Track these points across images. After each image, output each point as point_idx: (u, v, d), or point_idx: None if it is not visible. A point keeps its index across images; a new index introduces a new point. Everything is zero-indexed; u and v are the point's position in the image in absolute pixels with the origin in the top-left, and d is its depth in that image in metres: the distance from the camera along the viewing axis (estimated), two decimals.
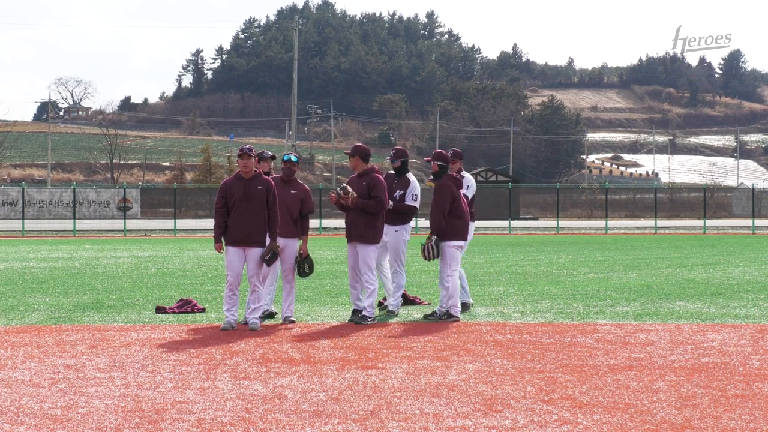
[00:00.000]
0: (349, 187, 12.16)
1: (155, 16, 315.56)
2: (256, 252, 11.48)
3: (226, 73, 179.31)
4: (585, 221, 69.03)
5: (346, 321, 12.18)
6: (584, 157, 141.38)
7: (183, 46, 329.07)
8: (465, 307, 12.98)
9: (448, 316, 12.22)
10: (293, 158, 12.33)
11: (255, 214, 11.44)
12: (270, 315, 12.47)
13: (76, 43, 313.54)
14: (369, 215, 12.08)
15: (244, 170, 11.52)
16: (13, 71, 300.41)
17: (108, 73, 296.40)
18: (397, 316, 12.60)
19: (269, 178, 11.80)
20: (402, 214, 12.69)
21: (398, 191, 12.66)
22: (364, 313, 12.06)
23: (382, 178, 12.28)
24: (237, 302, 11.51)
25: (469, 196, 13.14)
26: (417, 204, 12.81)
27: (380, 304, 13.22)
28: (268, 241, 11.59)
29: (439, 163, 12.52)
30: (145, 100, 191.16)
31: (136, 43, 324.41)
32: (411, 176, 12.88)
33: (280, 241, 11.98)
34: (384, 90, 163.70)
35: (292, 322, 11.98)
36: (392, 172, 12.96)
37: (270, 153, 12.72)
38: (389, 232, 12.68)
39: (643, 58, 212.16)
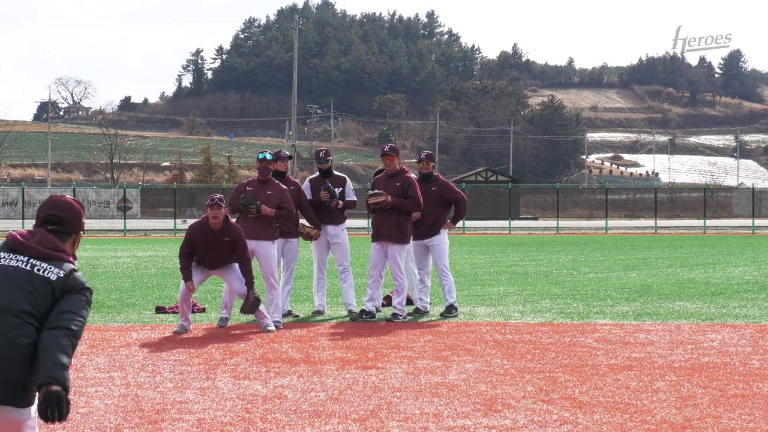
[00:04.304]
0: (379, 191, 12.08)
1: (155, 16, 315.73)
2: (228, 268, 11.26)
3: (226, 73, 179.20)
4: (585, 221, 68.99)
5: (348, 321, 12.20)
6: (584, 157, 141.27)
7: (183, 46, 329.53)
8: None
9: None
10: (268, 156, 11.88)
11: (221, 259, 11.15)
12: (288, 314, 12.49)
13: (75, 44, 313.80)
14: (399, 215, 12.07)
15: (214, 221, 10.92)
16: (12, 71, 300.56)
17: (108, 74, 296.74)
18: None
19: (238, 225, 11.22)
20: (343, 213, 12.86)
21: (337, 189, 12.71)
22: (395, 311, 12.14)
23: (414, 179, 12.32)
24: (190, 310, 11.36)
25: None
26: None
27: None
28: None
29: (433, 163, 12.75)
30: (145, 100, 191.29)
31: (135, 44, 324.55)
32: (338, 173, 13.10)
33: (252, 243, 11.61)
34: (384, 90, 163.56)
35: (278, 327, 11.51)
36: (317, 174, 12.96)
37: (287, 153, 12.64)
38: (337, 232, 12.77)
39: (643, 58, 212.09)
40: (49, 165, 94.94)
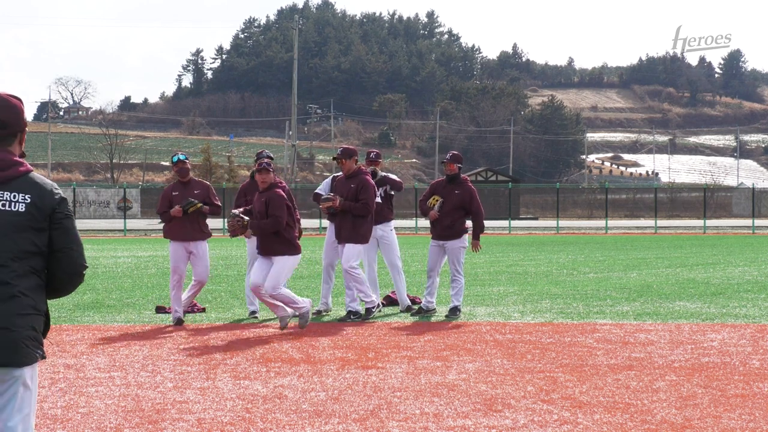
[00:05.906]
0: (331, 195, 12.17)
1: (155, 16, 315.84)
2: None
3: (226, 73, 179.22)
4: (585, 221, 68.99)
5: (350, 321, 12.19)
6: (584, 156, 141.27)
7: (183, 46, 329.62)
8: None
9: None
10: (182, 157, 12.18)
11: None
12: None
13: (75, 44, 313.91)
14: (354, 216, 12.08)
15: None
16: (12, 71, 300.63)
17: (108, 74, 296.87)
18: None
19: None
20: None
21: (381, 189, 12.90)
22: (367, 306, 12.24)
23: (371, 181, 12.27)
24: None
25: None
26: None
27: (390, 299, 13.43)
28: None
29: (459, 165, 12.57)
30: (145, 100, 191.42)
31: (135, 44, 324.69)
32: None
33: (190, 245, 12.14)
34: (384, 90, 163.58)
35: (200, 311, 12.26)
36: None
37: (268, 153, 12.67)
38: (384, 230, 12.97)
39: (643, 58, 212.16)
40: (49, 165, 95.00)
